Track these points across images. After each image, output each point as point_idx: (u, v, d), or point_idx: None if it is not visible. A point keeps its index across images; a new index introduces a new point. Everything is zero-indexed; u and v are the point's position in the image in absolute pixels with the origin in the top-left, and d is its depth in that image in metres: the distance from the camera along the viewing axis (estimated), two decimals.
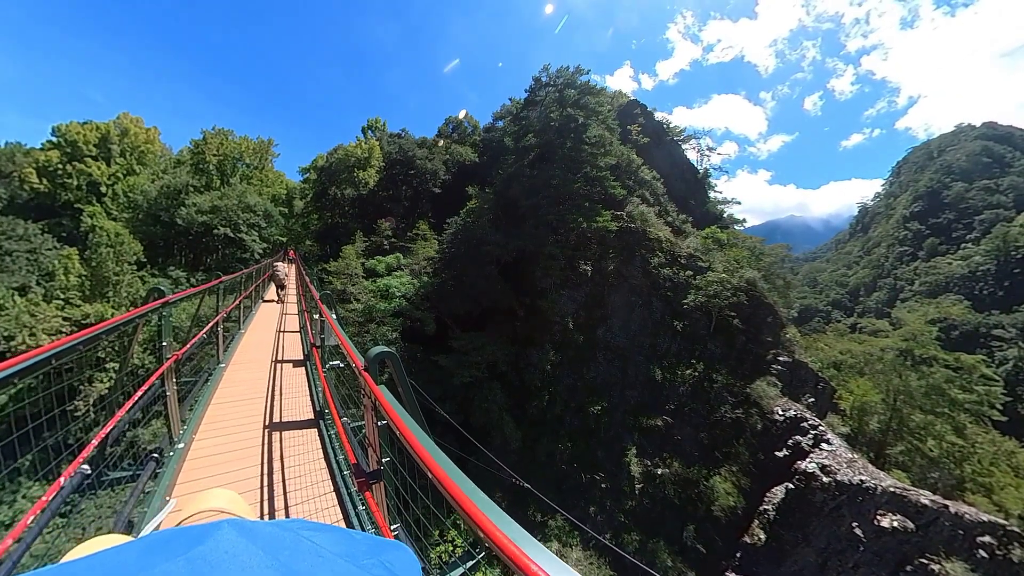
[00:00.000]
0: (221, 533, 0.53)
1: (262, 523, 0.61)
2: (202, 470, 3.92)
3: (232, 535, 0.53)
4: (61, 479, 2.10)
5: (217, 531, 0.53)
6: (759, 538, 16.52)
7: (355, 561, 0.58)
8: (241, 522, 0.58)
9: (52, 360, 2.21)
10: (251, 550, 0.51)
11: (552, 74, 31.21)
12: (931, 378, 22.51)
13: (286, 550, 0.54)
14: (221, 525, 0.54)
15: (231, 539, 0.52)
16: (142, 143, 41.85)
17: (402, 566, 0.61)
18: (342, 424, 3.68)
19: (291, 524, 0.62)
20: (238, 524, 0.56)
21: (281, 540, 0.56)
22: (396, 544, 0.69)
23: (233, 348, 8.49)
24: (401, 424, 1.62)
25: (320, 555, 0.55)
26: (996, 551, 14.52)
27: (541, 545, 1.01)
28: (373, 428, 2.13)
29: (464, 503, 1.17)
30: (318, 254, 40.54)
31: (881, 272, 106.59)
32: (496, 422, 20.75)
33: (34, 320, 23.53)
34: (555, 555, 0.99)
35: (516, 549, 0.96)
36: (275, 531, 0.58)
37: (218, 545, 0.50)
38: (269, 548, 0.53)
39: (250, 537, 0.54)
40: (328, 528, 0.66)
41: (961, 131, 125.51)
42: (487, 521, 1.08)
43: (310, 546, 0.57)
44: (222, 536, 0.52)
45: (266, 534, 0.56)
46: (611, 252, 26.73)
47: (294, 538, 0.57)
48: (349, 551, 0.60)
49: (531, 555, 0.95)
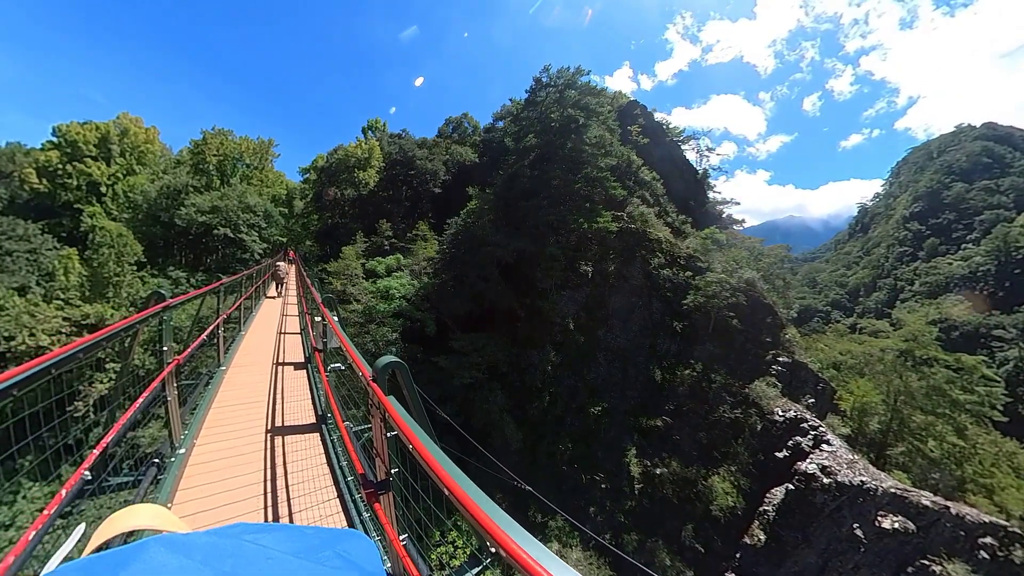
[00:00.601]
0: (148, 553, 0.48)
1: (197, 534, 0.57)
2: (204, 476, 3.90)
3: (162, 553, 0.48)
4: (63, 491, 2.08)
5: (144, 551, 0.48)
6: (759, 539, 16.51)
7: (309, 556, 0.55)
8: (171, 537, 0.54)
9: (51, 370, 2.19)
10: (187, 565, 0.47)
11: (552, 75, 31.19)
12: (932, 379, 22.48)
13: (230, 559, 0.50)
14: (148, 544, 0.50)
15: (161, 557, 0.47)
16: (142, 143, 41.82)
17: (359, 553, 0.59)
18: (346, 429, 3.66)
19: (230, 530, 0.59)
20: (167, 540, 0.52)
21: (221, 549, 0.52)
22: (352, 532, 0.66)
23: (234, 350, 8.45)
24: (414, 437, 1.61)
25: (270, 557, 0.53)
26: (997, 552, 14.52)
27: (554, 555, 1.03)
28: (382, 438, 2.11)
29: (479, 516, 1.18)
30: (318, 254, 40.53)
31: (881, 272, 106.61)
32: (497, 423, 20.74)
33: (34, 320, 23.49)
34: (565, 563, 1.00)
35: (530, 559, 0.99)
36: (213, 540, 0.54)
37: (145, 567, 0.46)
38: (209, 560, 0.49)
39: (184, 552, 0.50)
40: (274, 528, 0.63)
41: (961, 131, 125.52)
42: (501, 532, 1.10)
43: (256, 549, 0.54)
44: (149, 556, 0.47)
45: (203, 545, 0.52)
46: (611, 253, 26.73)
47: (235, 544, 0.54)
48: (301, 547, 0.57)
49: (546, 565, 0.97)
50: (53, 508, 1.94)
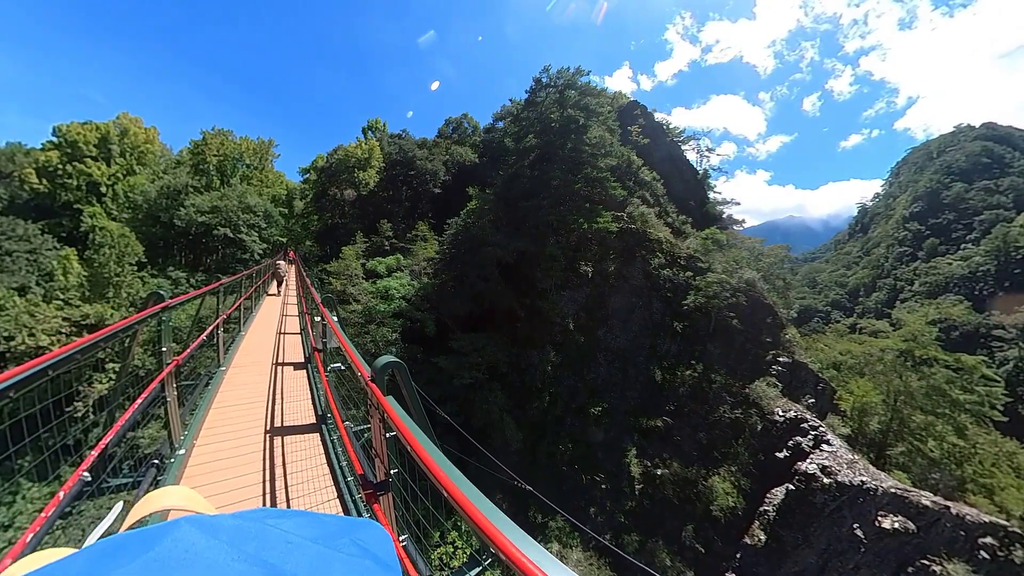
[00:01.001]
0: (179, 531, 0.50)
1: (223, 516, 0.60)
2: (204, 476, 3.89)
3: (192, 532, 0.51)
4: (60, 493, 2.07)
5: (175, 530, 0.51)
6: (759, 539, 16.51)
7: (327, 543, 0.57)
8: (200, 518, 0.56)
9: (48, 372, 2.18)
10: (215, 545, 0.49)
11: (553, 75, 31.18)
12: (932, 379, 22.47)
13: (253, 541, 0.52)
14: (179, 523, 0.52)
15: (191, 537, 0.50)
16: (142, 143, 41.81)
17: (374, 542, 0.61)
18: (345, 429, 3.66)
19: (255, 514, 0.61)
20: (197, 520, 0.54)
21: (246, 531, 0.54)
22: (368, 522, 0.68)
23: (233, 350, 8.44)
24: (412, 438, 1.60)
25: (289, 541, 0.54)
26: (997, 552, 14.52)
27: (555, 559, 1.03)
28: (381, 439, 2.10)
29: (477, 518, 1.18)
30: (318, 255, 40.53)
31: (881, 272, 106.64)
32: (496, 423, 20.73)
33: (34, 320, 23.48)
34: (565, 565, 1.00)
35: (531, 564, 0.98)
36: (239, 523, 0.56)
37: (177, 544, 0.48)
38: (235, 541, 0.51)
39: (212, 532, 0.52)
40: (295, 513, 0.65)
41: (960, 132, 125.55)
42: (500, 534, 1.09)
43: (278, 534, 0.55)
44: (181, 535, 0.50)
45: (229, 527, 0.54)
46: (611, 253, 26.72)
47: (259, 528, 0.56)
48: (319, 534, 0.59)
49: (546, 569, 0.97)
50: (51, 510, 1.93)
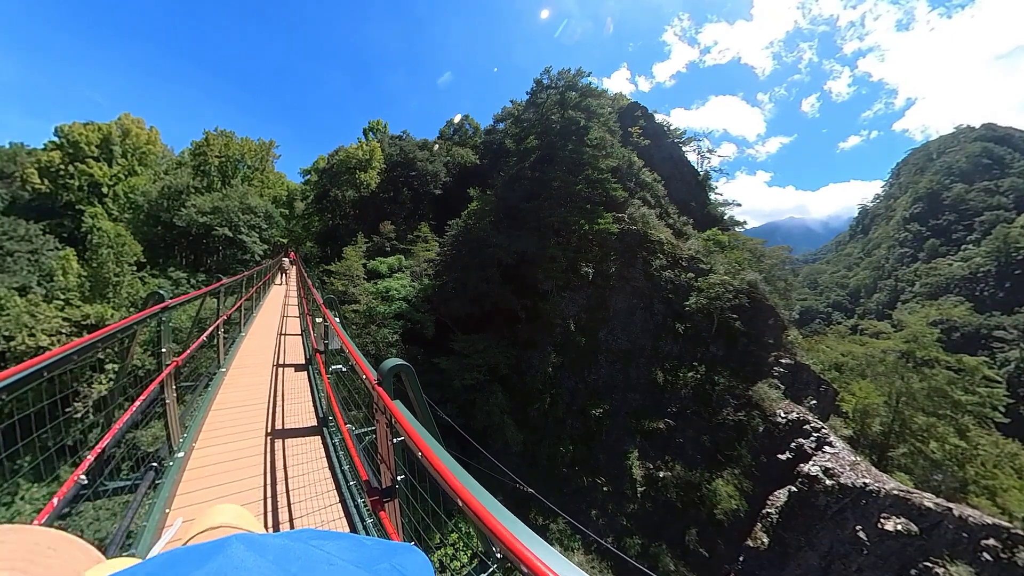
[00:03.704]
0: (231, 549, 0.52)
1: (271, 535, 0.60)
2: (203, 480, 3.83)
3: (241, 550, 0.52)
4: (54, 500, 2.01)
5: (227, 547, 0.52)
6: (762, 541, 16.43)
7: (368, 567, 0.57)
8: (250, 536, 0.57)
9: (44, 372, 2.14)
10: (262, 564, 0.51)
11: (553, 76, 31.19)
12: (933, 380, 22.42)
13: (297, 561, 0.53)
14: (230, 541, 0.53)
15: (241, 554, 0.51)
16: (143, 144, 41.80)
17: (415, 569, 0.61)
18: (348, 432, 3.60)
19: (300, 534, 0.62)
20: (247, 539, 0.55)
21: (291, 552, 0.55)
22: (407, 547, 0.68)
23: (234, 352, 8.38)
24: (423, 445, 1.55)
25: (332, 563, 0.55)
26: (1001, 554, 14.42)
27: (580, 570, 1.01)
28: (387, 444, 2.05)
29: (497, 529, 1.15)
30: (319, 256, 40.50)
31: (881, 273, 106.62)
32: (497, 425, 20.66)
33: (34, 320, 23.43)
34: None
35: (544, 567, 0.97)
36: (284, 543, 0.57)
37: (228, 561, 0.50)
38: (280, 560, 0.52)
39: (259, 551, 0.53)
40: (338, 536, 0.66)
41: (960, 132, 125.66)
42: (522, 547, 1.07)
43: (322, 555, 0.56)
44: (232, 552, 0.51)
45: (276, 546, 0.55)
46: (612, 254, 26.66)
47: (304, 548, 0.57)
48: (361, 558, 0.59)
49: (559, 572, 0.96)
50: (45, 516, 1.88)
